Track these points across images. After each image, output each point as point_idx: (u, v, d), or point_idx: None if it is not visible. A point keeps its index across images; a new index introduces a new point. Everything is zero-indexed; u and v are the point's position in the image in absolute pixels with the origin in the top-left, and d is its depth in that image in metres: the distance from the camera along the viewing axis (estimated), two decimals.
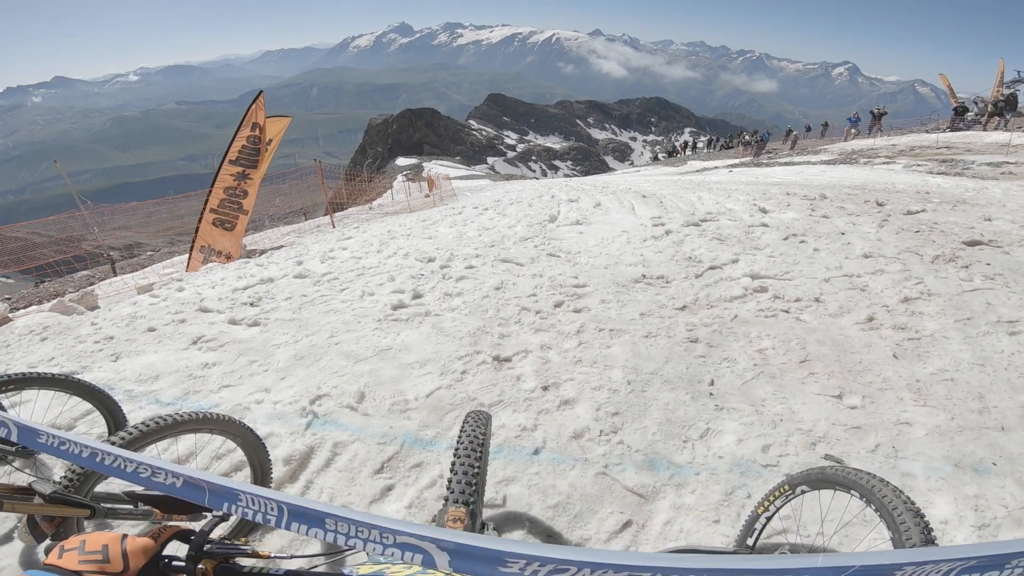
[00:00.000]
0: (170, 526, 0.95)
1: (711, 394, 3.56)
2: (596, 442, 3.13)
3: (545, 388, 3.66)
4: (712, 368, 3.87)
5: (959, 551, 0.74)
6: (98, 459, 1.08)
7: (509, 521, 2.65)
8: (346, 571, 0.91)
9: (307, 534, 0.88)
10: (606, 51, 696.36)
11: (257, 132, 9.44)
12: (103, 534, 0.87)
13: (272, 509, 0.91)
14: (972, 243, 6.37)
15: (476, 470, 1.81)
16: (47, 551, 0.81)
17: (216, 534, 0.98)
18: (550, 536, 2.56)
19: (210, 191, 9.23)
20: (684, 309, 4.91)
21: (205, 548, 0.92)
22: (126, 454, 1.06)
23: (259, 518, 0.91)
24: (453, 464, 1.83)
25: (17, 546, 2.49)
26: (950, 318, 4.52)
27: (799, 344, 4.15)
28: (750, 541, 2.23)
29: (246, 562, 0.96)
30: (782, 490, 2.08)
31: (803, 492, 2.01)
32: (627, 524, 2.59)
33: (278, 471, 2.91)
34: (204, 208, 9.14)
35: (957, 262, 5.72)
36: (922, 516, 1.62)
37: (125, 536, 0.88)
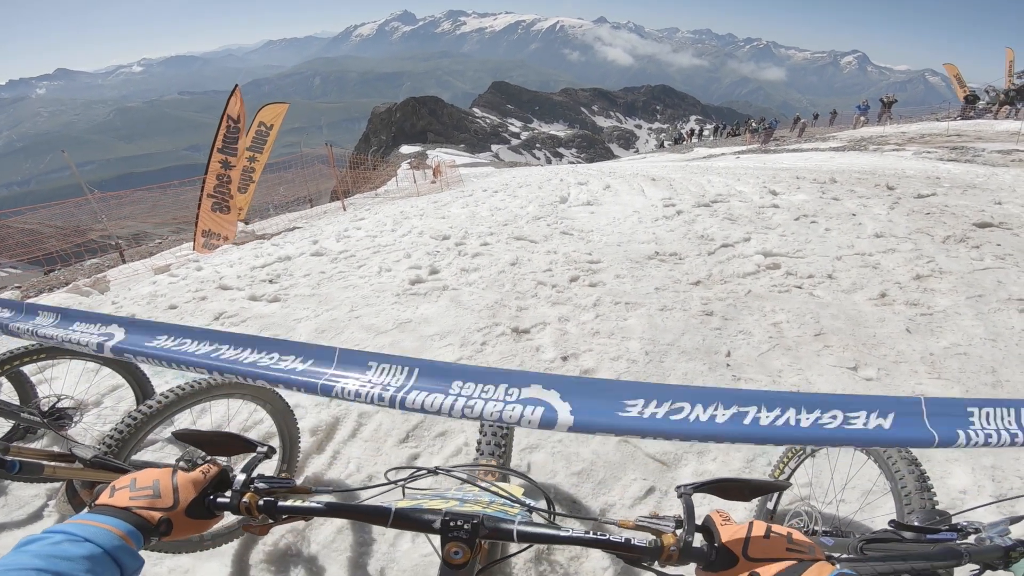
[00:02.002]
0: (218, 462, 0.98)
1: (728, 365, 3.61)
2: None
3: (564, 358, 3.72)
4: (728, 340, 3.92)
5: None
6: (214, 355, 1.11)
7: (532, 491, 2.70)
8: (385, 504, 0.93)
9: (429, 407, 0.90)
10: (611, 38, 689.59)
11: (237, 123, 9.99)
12: (153, 470, 0.89)
13: (397, 379, 0.95)
14: (983, 225, 6.36)
15: (504, 429, 1.84)
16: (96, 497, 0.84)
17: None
18: (575, 502, 2.62)
19: (204, 178, 9.61)
20: (698, 284, 4.96)
21: (250, 483, 0.95)
22: (248, 350, 1.09)
23: (374, 393, 0.93)
24: (481, 426, 1.86)
25: (47, 523, 2.54)
26: (962, 295, 4.55)
27: (813, 318, 4.19)
28: (770, 505, 2.27)
29: (289, 496, 0.98)
30: (793, 451, 2.12)
31: (813, 452, 2.06)
32: (650, 490, 2.65)
33: (305, 441, 2.97)
34: (201, 195, 9.53)
35: (968, 242, 5.73)
36: (918, 464, 1.63)
37: (175, 471, 0.91)
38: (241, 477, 0.95)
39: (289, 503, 0.95)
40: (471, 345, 3.95)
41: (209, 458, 1.00)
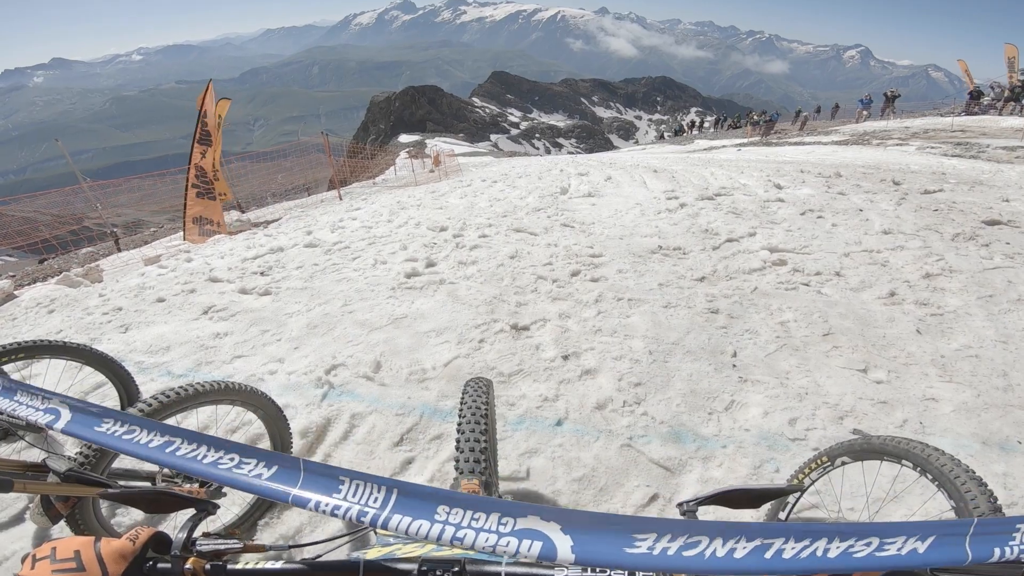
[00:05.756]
0: (148, 527, 0.87)
1: (734, 366, 3.49)
2: (619, 413, 3.06)
3: (565, 357, 3.59)
4: (734, 339, 3.80)
5: None
6: (168, 450, 0.98)
7: (531, 496, 2.57)
8: (352, 558, 0.84)
9: (408, 530, 0.80)
10: (614, 29, 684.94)
11: (211, 115, 10.31)
12: (74, 539, 0.80)
13: (375, 498, 0.83)
14: (991, 222, 6.26)
15: (483, 443, 1.71)
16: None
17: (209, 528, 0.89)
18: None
19: (188, 168, 9.75)
20: (703, 280, 4.83)
21: (192, 545, 0.85)
22: (204, 443, 0.98)
23: (352, 513, 0.82)
24: (458, 441, 1.72)
25: (28, 528, 2.40)
26: (972, 295, 4.44)
27: (821, 317, 4.08)
28: (782, 515, 2.16)
29: (240, 557, 0.87)
30: (819, 462, 2.00)
31: (843, 464, 1.94)
32: (654, 497, 2.53)
33: (296, 444, 2.84)
34: (187, 184, 9.66)
35: (977, 240, 5.63)
36: (985, 484, 1.54)
37: (98, 540, 0.81)
38: (180, 537, 0.83)
39: (241, 566, 0.82)
40: (468, 343, 3.82)
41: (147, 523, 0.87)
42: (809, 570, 0.73)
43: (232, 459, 0.93)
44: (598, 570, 0.78)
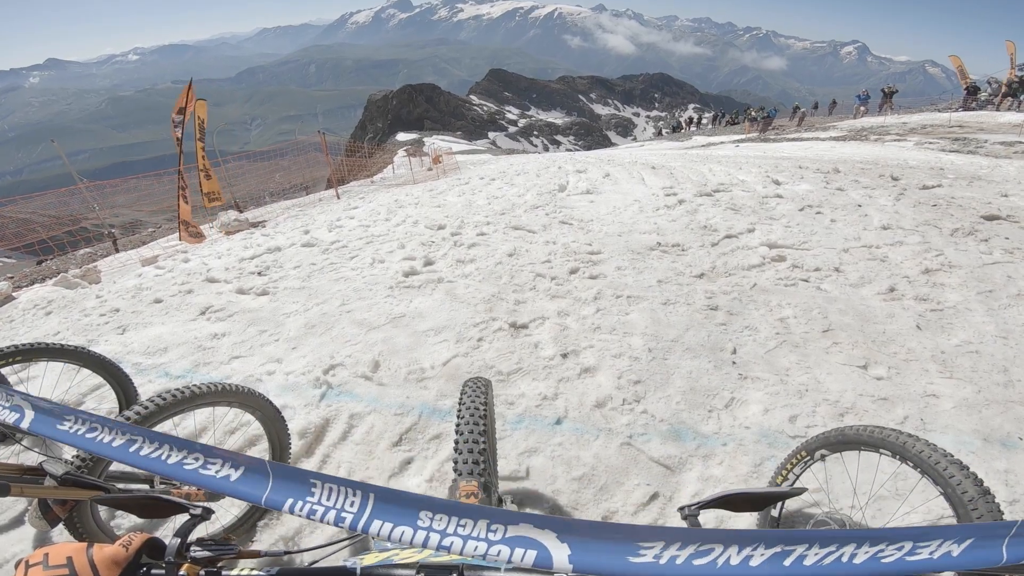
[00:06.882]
0: (142, 533, 0.86)
1: (734, 363, 3.47)
2: (619, 411, 3.05)
3: (564, 356, 3.57)
4: (733, 336, 3.79)
5: None
6: (131, 449, 0.96)
7: (530, 495, 2.56)
8: (349, 563, 0.82)
9: (390, 536, 0.77)
10: (612, 26, 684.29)
11: (191, 116, 10.21)
12: (66, 545, 0.80)
13: (351, 502, 0.80)
14: (990, 217, 6.25)
15: (482, 444, 1.69)
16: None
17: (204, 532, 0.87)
18: (575, 509, 2.48)
19: (179, 170, 9.63)
20: (702, 277, 4.82)
21: (186, 552, 0.83)
22: (167, 443, 0.95)
23: (329, 516, 0.79)
24: (456, 441, 1.70)
25: (29, 531, 2.39)
26: (972, 290, 4.43)
27: (821, 313, 4.07)
28: (774, 513, 2.14)
29: (235, 563, 0.86)
30: (799, 456, 1.98)
31: (823, 456, 1.92)
32: (654, 496, 2.52)
33: (293, 445, 2.83)
34: (177, 188, 9.49)
35: (976, 235, 5.62)
36: (967, 467, 1.54)
37: (91, 546, 0.81)
38: (174, 544, 0.81)
39: (236, 572, 0.81)
40: (467, 341, 3.80)
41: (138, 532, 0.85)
42: None
43: (196, 459, 0.91)
44: None
